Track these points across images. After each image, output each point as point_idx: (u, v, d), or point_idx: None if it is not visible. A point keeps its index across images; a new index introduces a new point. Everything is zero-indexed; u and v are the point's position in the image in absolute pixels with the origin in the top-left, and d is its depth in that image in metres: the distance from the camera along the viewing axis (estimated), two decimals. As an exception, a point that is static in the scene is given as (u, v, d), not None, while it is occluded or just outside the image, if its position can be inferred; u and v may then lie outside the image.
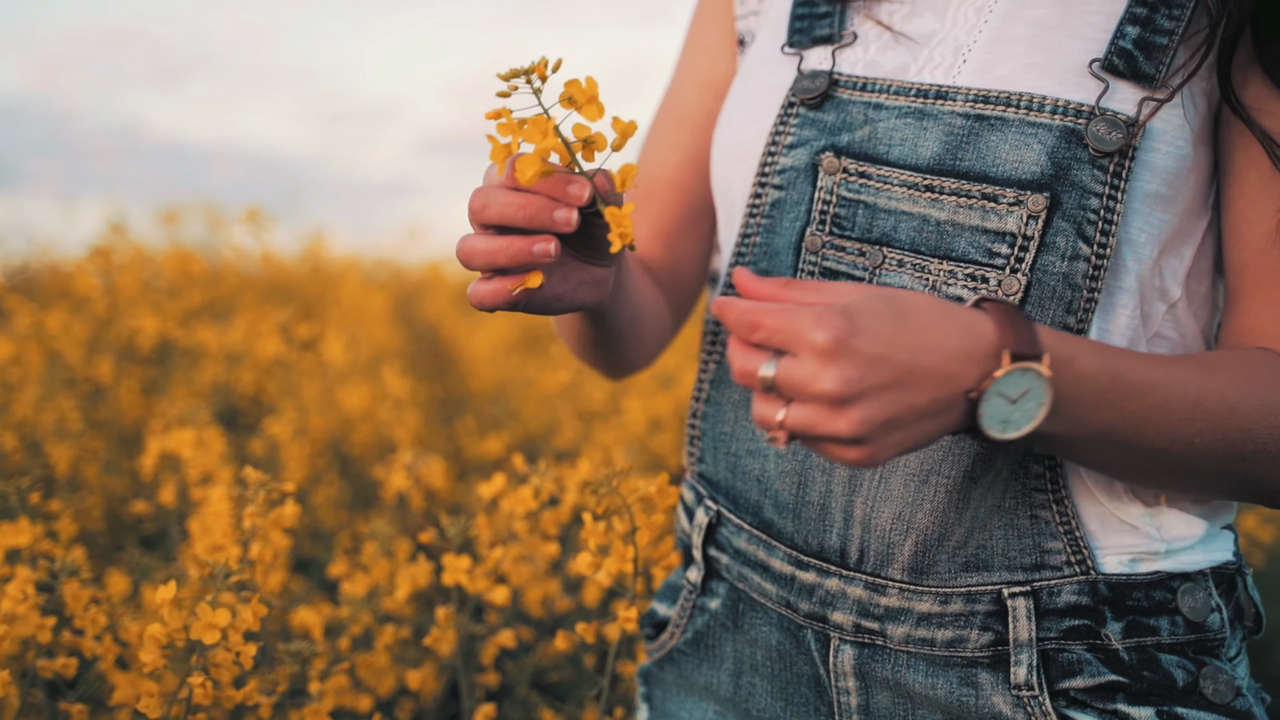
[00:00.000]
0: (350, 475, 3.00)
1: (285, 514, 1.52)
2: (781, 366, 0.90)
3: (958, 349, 0.92)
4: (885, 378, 0.89)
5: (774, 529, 1.17)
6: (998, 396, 0.92)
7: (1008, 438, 0.93)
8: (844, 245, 1.14)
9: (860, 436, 0.89)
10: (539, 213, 0.98)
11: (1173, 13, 1.09)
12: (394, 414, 2.88)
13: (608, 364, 1.36)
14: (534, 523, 1.71)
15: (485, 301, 1.01)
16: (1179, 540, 1.11)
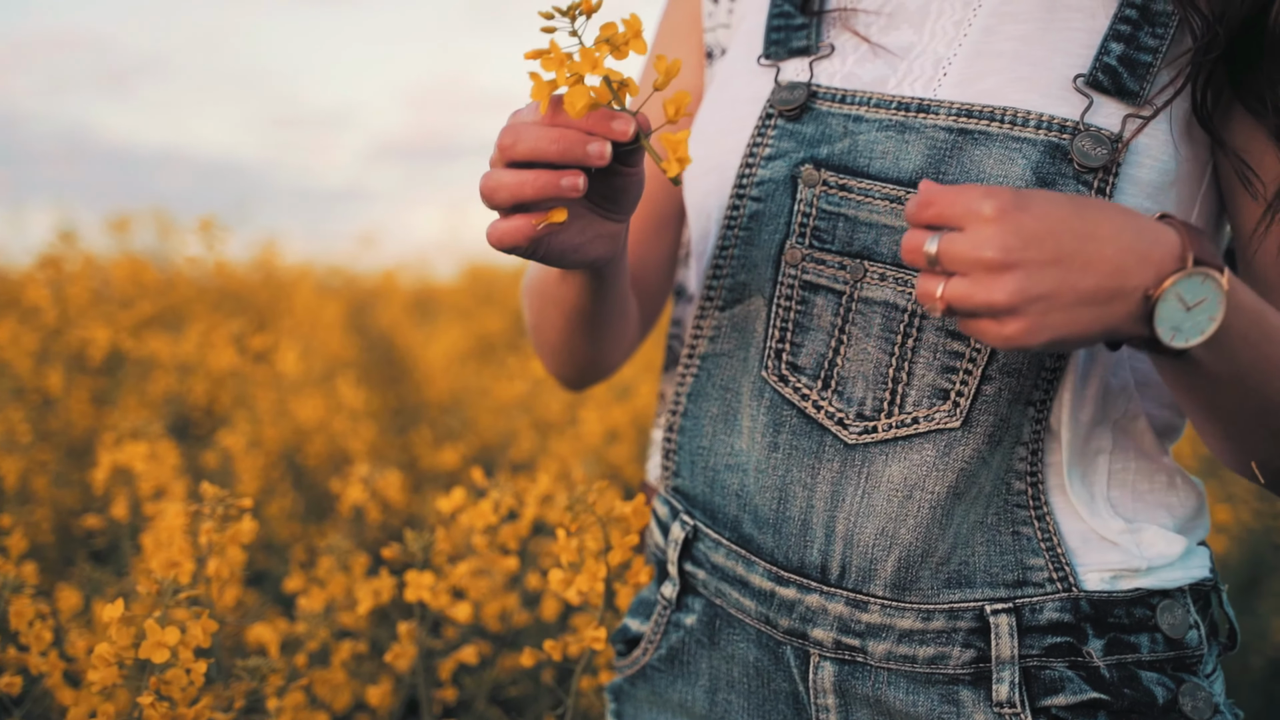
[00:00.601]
0: (304, 486, 2.98)
1: (242, 530, 1.49)
2: (944, 239, 0.93)
3: (1133, 244, 0.93)
4: (1047, 253, 0.91)
5: (753, 544, 1.16)
6: (1175, 299, 0.93)
7: (1174, 345, 0.93)
8: (824, 258, 1.13)
9: (1014, 306, 0.90)
10: (572, 146, 0.98)
11: (1156, 30, 1.10)
12: (349, 425, 2.86)
13: (584, 357, 1.34)
14: (493, 537, 1.70)
15: (504, 239, 1.01)
16: (1159, 557, 1.11)
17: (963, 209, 0.93)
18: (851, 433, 1.11)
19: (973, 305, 0.91)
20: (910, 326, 1.09)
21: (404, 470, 3.21)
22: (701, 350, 1.22)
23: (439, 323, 5.52)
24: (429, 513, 2.72)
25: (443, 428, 3.74)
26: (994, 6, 1.15)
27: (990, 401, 1.08)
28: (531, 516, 1.71)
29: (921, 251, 0.94)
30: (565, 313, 1.26)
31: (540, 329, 1.34)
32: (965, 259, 0.91)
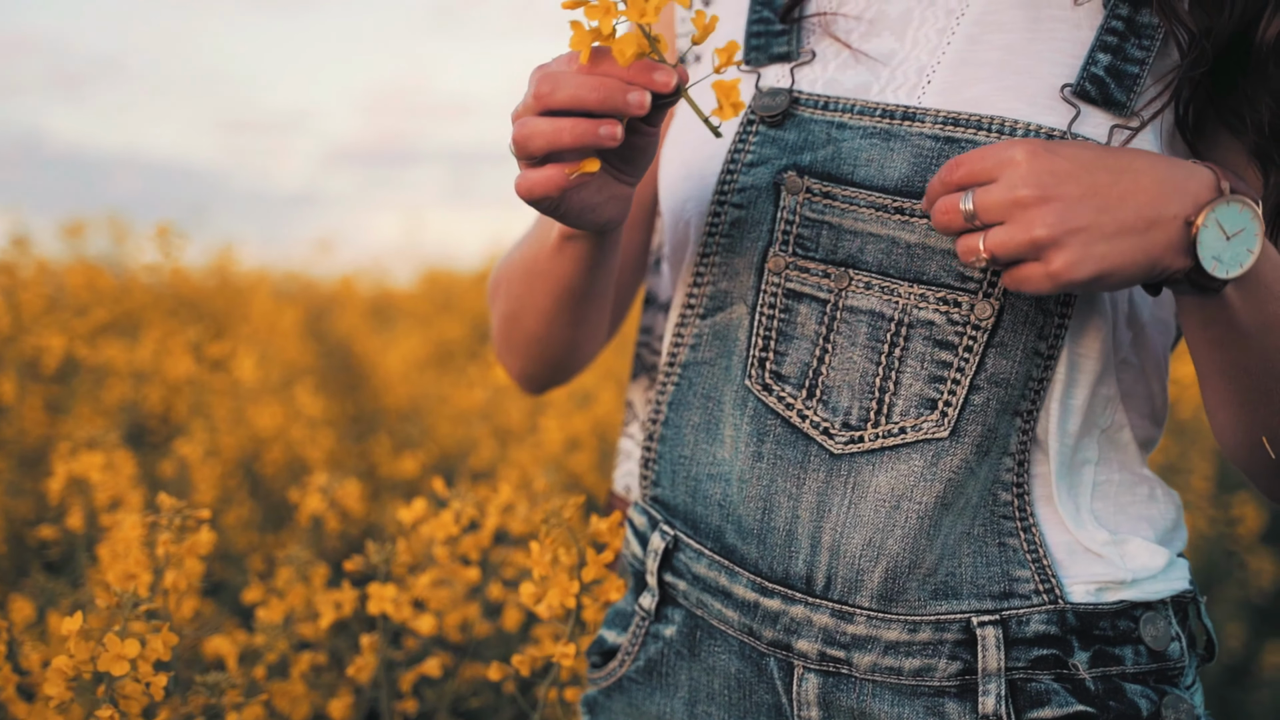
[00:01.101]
0: (260, 495, 2.95)
1: (201, 541, 1.48)
2: (979, 192, 0.96)
3: (1167, 176, 0.96)
4: (1083, 186, 0.94)
5: (736, 555, 1.14)
6: (1216, 226, 0.95)
7: (1217, 275, 0.95)
8: (808, 266, 1.12)
9: (1055, 237, 0.93)
10: (613, 94, 0.97)
11: (1142, 43, 1.10)
12: (307, 433, 2.84)
13: (562, 346, 1.33)
14: (454, 548, 1.69)
15: (535, 189, 1.02)
16: (1143, 569, 1.11)
17: (994, 160, 0.96)
18: (837, 442, 1.10)
19: (1016, 247, 0.94)
20: (897, 336, 1.09)
21: (362, 478, 3.19)
22: (682, 359, 1.20)
23: (397, 329, 5.49)
24: (388, 522, 2.70)
25: (401, 435, 3.72)
26: (977, 15, 1.14)
27: (978, 411, 1.07)
28: (493, 527, 1.70)
29: (958, 210, 0.97)
30: (555, 291, 1.24)
31: (520, 316, 1.32)
32: (1002, 203, 0.95)
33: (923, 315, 1.08)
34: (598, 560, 1.22)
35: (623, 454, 1.47)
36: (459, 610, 1.96)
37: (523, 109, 1.02)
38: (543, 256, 1.22)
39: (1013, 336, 1.07)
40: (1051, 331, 1.07)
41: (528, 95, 1.01)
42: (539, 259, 1.23)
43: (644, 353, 1.46)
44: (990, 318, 1.06)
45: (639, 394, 1.46)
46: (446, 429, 3.57)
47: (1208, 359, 1.07)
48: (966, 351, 1.07)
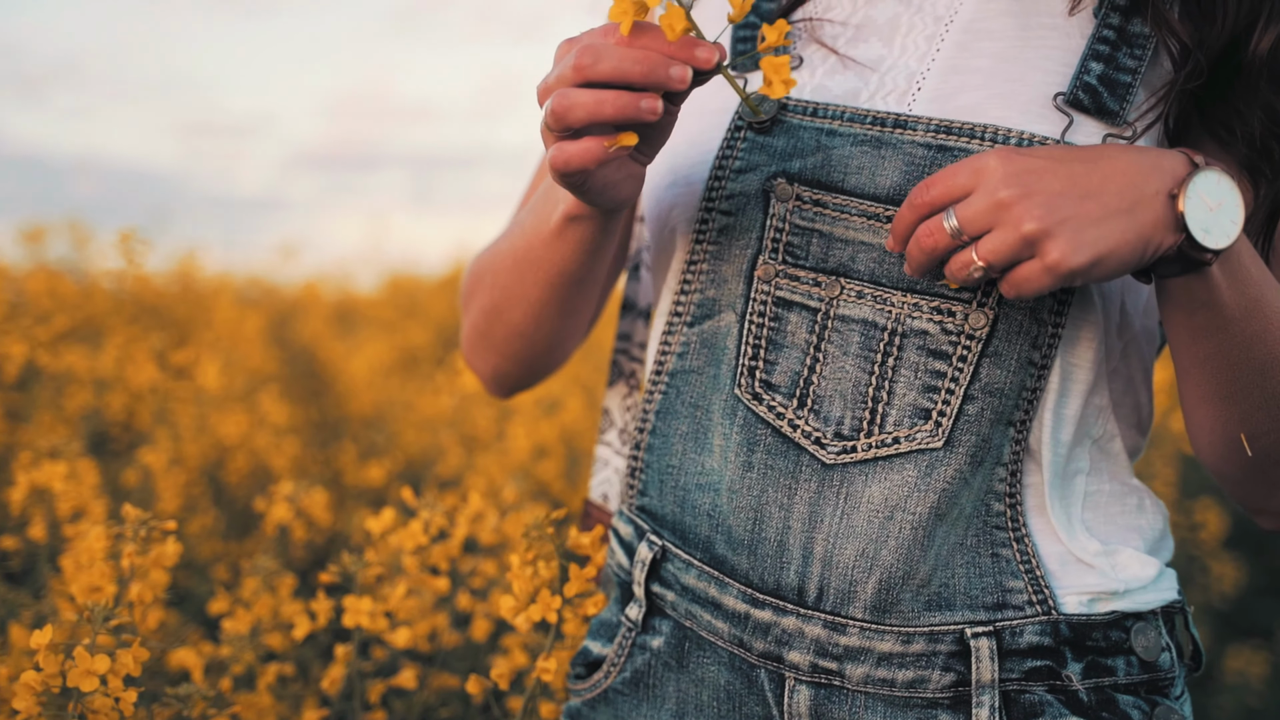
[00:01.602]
0: (224, 503, 2.92)
1: (167, 552, 1.46)
2: (959, 205, 0.97)
3: (1140, 158, 0.97)
4: (1060, 180, 0.95)
5: (727, 565, 1.13)
6: (1199, 199, 0.96)
7: (1208, 246, 0.96)
8: (798, 275, 1.11)
9: (1046, 228, 0.93)
10: (656, 68, 0.97)
11: (1134, 52, 1.10)
12: (272, 441, 2.82)
13: (547, 339, 1.31)
14: (423, 557, 1.68)
15: (573, 161, 1.00)
16: (1134, 580, 1.11)
17: (966, 172, 0.97)
18: (829, 452, 1.09)
19: (1010, 248, 0.95)
20: (890, 345, 1.08)
21: (328, 486, 3.16)
22: (670, 367, 1.19)
23: (361, 335, 5.46)
24: (355, 530, 2.68)
25: (366, 442, 3.69)
26: (966, 23, 1.14)
27: (973, 421, 1.07)
28: (463, 536, 1.69)
29: (943, 229, 0.98)
30: (549, 278, 1.22)
31: (504, 309, 1.29)
32: (985, 209, 0.95)
33: (916, 325, 1.08)
34: (580, 575, 1.21)
35: (600, 461, 1.46)
36: (427, 620, 1.95)
37: (556, 80, 1.00)
38: (538, 243, 1.20)
39: (1007, 346, 1.07)
40: (1045, 341, 1.07)
41: (564, 67, 0.99)
42: (533, 246, 1.21)
43: (622, 359, 1.44)
44: (985, 327, 1.06)
45: (616, 401, 1.45)
46: (412, 436, 3.55)
47: (1190, 352, 1.06)
48: (961, 361, 1.07)
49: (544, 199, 1.19)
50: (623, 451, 1.43)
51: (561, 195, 1.14)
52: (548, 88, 1.02)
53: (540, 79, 1.04)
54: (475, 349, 1.39)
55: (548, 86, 1.02)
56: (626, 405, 1.43)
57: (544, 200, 1.19)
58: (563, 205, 1.14)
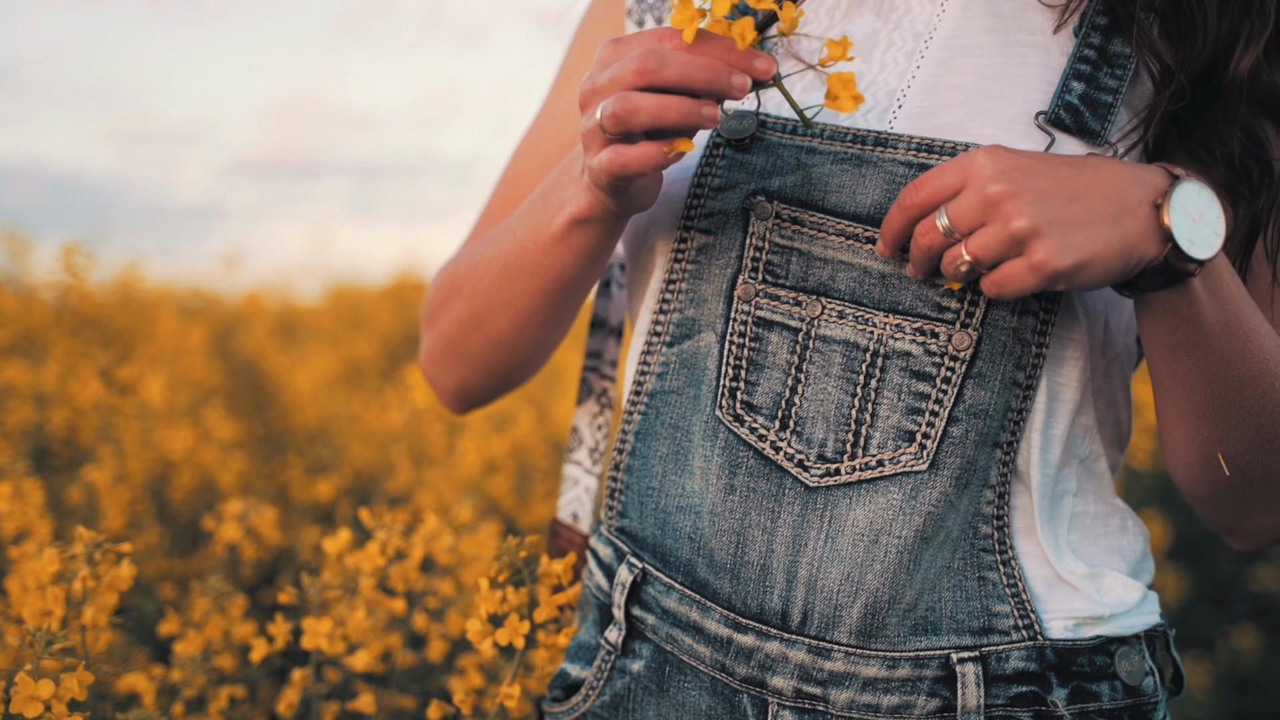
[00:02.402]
0: (167, 517, 2.88)
1: (121, 575, 1.43)
2: (950, 204, 0.97)
3: (1122, 170, 0.98)
4: (1048, 180, 0.95)
5: (709, 589, 1.11)
6: (1182, 209, 0.96)
7: (1195, 256, 0.96)
8: (778, 294, 1.10)
9: (1035, 227, 0.93)
10: (720, 76, 0.97)
11: (1115, 72, 1.09)
12: (219, 457, 2.78)
13: (526, 349, 1.29)
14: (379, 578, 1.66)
15: (631, 165, 1.00)
16: (1119, 604, 1.10)
17: (955, 171, 0.97)
18: (813, 475, 1.07)
19: (998, 244, 0.94)
20: (873, 367, 1.07)
21: (274, 501, 3.13)
22: (649, 387, 1.17)
23: (305, 346, 5.40)
24: (303, 546, 2.65)
25: (311, 456, 3.66)
26: (946, 39, 1.13)
27: (957, 443, 1.06)
28: (420, 558, 1.67)
29: (936, 229, 0.98)
30: (543, 285, 1.20)
31: (485, 319, 1.27)
32: (975, 205, 0.95)
33: (899, 346, 1.07)
34: (550, 601, 1.19)
35: (569, 480, 1.44)
36: (381, 640, 1.93)
37: (610, 83, 0.99)
38: (535, 248, 1.17)
39: (991, 367, 1.06)
40: (1029, 361, 1.07)
41: (622, 69, 0.98)
42: (528, 251, 1.18)
43: (591, 377, 1.43)
44: (968, 348, 1.05)
45: (586, 419, 1.43)
46: (358, 450, 3.51)
47: (1170, 369, 1.06)
48: (944, 383, 1.06)
49: (541, 203, 1.17)
50: (593, 470, 1.41)
51: (568, 198, 1.12)
52: (598, 89, 1.01)
53: (584, 80, 1.03)
54: (441, 362, 1.36)
55: (598, 88, 1.01)
56: (598, 424, 1.42)
57: (541, 204, 1.17)
58: (570, 209, 1.12)
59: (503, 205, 1.40)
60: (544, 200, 1.17)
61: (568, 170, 1.14)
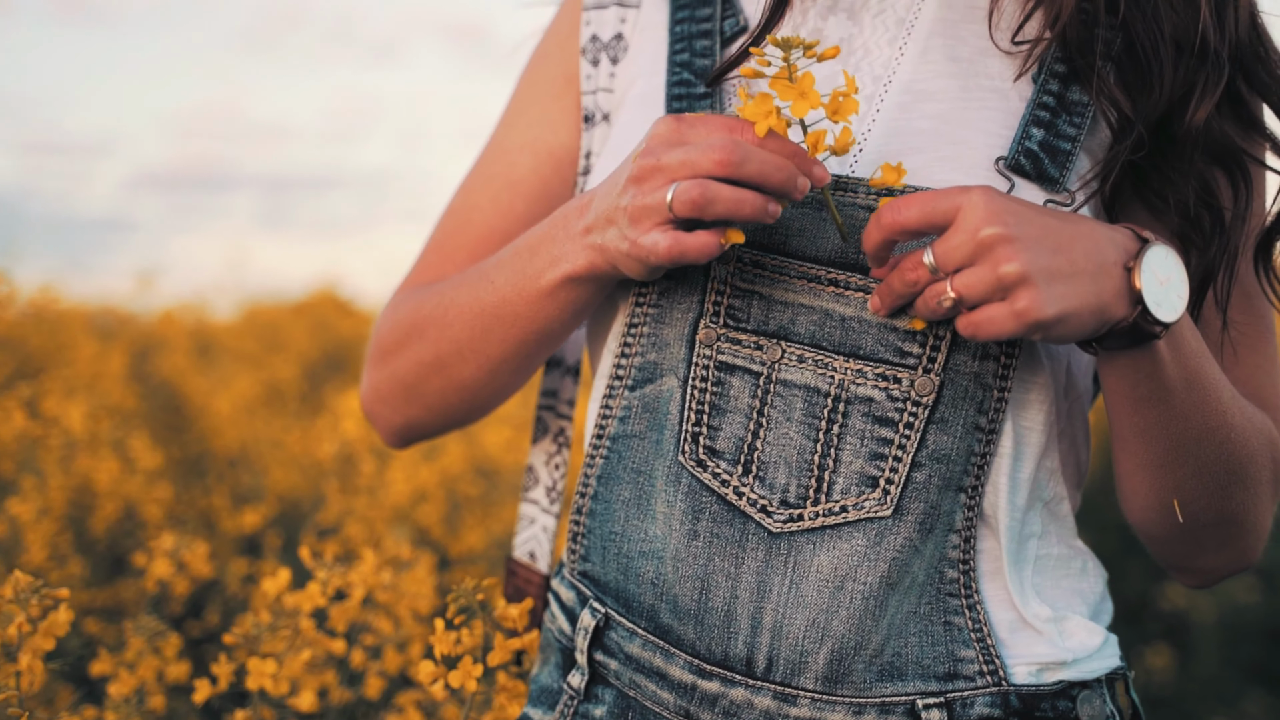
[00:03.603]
0: (85, 545, 2.82)
1: (59, 620, 1.41)
2: (937, 243, 0.98)
3: (1098, 228, 1.00)
4: (1037, 229, 0.96)
5: (672, 635, 1.10)
6: (1151, 273, 0.98)
7: (1162, 318, 0.98)
8: (739, 338, 1.10)
9: (1024, 274, 0.94)
10: (790, 178, 1.00)
11: (1074, 120, 1.11)
12: (143, 488, 2.73)
13: (488, 394, 1.28)
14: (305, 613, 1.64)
15: (689, 254, 1.01)
16: (1081, 648, 1.11)
17: (949, 202, 0.97)
18: (776, 521, 1.07)
19: (984, 286, 0.95)
20: (835, 412, 1.07)
21: (198, 529, 3.09)
22: (611, 431, 1.16)
23: (222, 367, 5.33)
24: (230, 578, 2.62)
25: (232, 480, 3.61)
26: (905, 83, 1.14)
27: (921, 489, 1.06)
28: (361, 597, 1.67)
29: (923, 265, 0.98)
30: (523, 337, 1.19)
31: (452, 364, 1.25)
32: (966, 246, 0.96)
33: (861, 391, 1.07)
34: (506, 645, 1.19)
35: (525, 519, 1.42)
36: (317, 676, 1.91)
37: (683, 166, 1.00)
38: (518, 300, 1.17)
39: (953, 412, 1.07)
40: (991, 406, 1.07)
41: (698, 155, 0.99)
42: (509, 302, 1.17)
43: (547, 416, 1.42)
44: (931, 393, 1.06)
45: (542, 458, 1.42)
46: (281, 475, 3.48)
47: (1131, 421, 1.08)
48: (907, 428, 1.06)
49: (528, 255, 1.16)
50: (551, 509, 1.40)
51: (563, 255, 1.12)
52: (664, 168, 1.01)
53: (644, 155, 1.03)
54: (391, 401, 1.34)
55: (664, 167, 1.01)
56: (554, 463, 1.41)
57: (528, 257, 1.16)
58: (566, 266, 1.12)
59: (451, 240, 1.38)
60: (531, 253, 1.16)
61: (561, 225, 1.13)
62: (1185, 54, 1.09)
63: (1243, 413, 1.11)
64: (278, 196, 25.21)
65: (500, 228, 1.34)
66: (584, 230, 1.09)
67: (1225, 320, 1.15)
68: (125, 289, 6.79)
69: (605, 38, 1.30)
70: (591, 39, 1.31)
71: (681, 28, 1.24)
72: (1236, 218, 1.13)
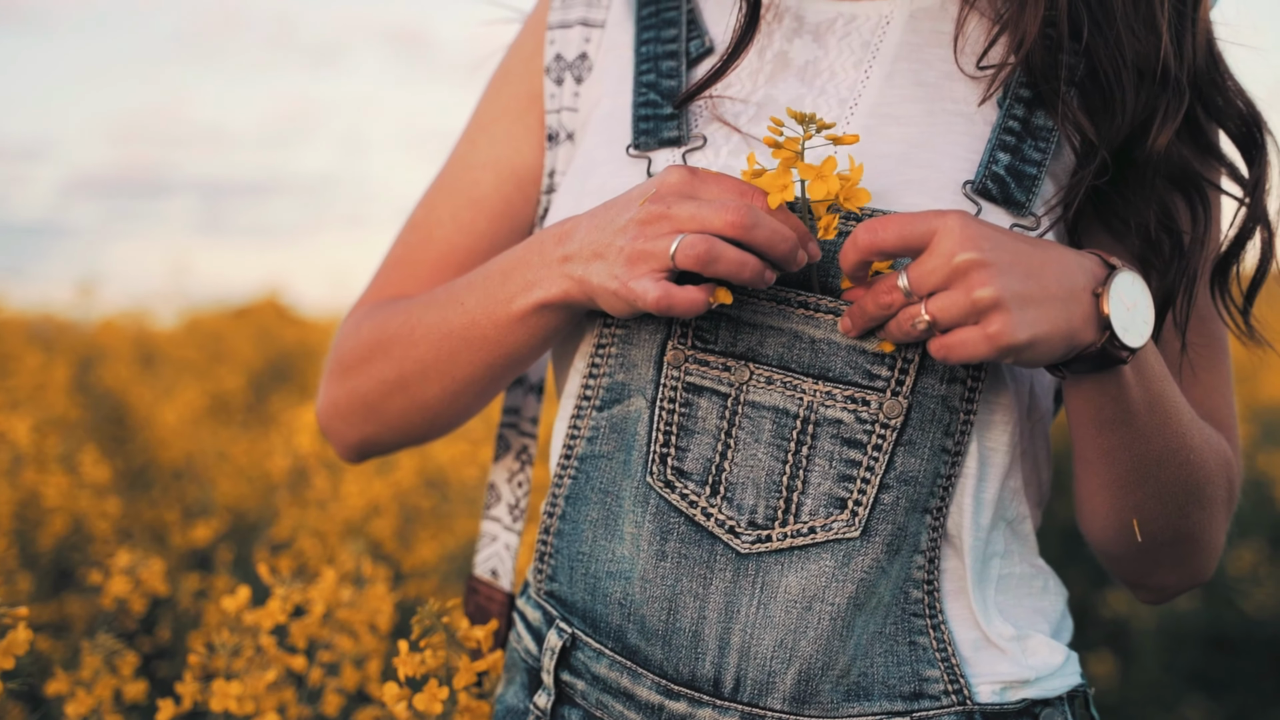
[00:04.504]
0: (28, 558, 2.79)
1: (18, 640, 1.40)
2: (912, 267, 0.99)
3: (1067, 254, 1.01)
4: (1009, 254, 0.98)
5: (640, 655, 1.10)
6: (1119, 299, 1.00)
7: (1128, 343, 1.00)
8: (707, 359, 1.10)
9: (998, 299, 0.96)
10: (794, 250, 1.02)
11: (1039, 144, 1.12)
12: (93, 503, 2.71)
13: (449, 417, 1.28)
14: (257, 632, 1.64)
15: (676, 308, 1.02)
16: (1044, 666, 1.13)
17: (925, 226, 0.99)
18: (744, 541, 1.08)
19: (958, 310, 0.96)
20: (804, 434, 1.08)
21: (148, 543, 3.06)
22: (579, 451, 1.16)
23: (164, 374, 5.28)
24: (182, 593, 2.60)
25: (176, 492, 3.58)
26: (871, 107, 1.15)
27: (889, 510, 1.07)
28: (321, 614, 1.66)
29: (898, 288, 1.00)
30: (490, 360, 1.19)
31: (415, 384, 1.24)
32: (942, 270, 0.97)
33: (830, 413, 1.08)
34: (471, 667, 1.18)
35: (486, 536, 1.41)
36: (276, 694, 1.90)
37: (693, 220, 1.01)
38: (488, 324, 1.16)
39: (920, 434, 1.08)
40: (957, 429, 1.09)
41: (710, 213, 1.00)
42: (478, 325, 1.17)
43: (509, 434, 1.42)
44: (899, 416, 1.07)
45: (504, 475, 1.42)
46: (228, 486, 3.45)
47: (1095, 444, 1.10)
48: (876, 450, 1.07)
49: (500, 279, 1.16)
50: (513, 527, 1.41)
51: (537, 280, 1.12)
52: (672, 218, 1.02)
53: (654, 200, 1.03)
54: (350, 418, 1.33)
55: (673, 217, 1.02)
56: (517, 480, 1.41)
57: (500, 280, 1.16)
58: (539, 293, 1.11)
59: (412, 255, 1.37)
60: (504, 277, 1.15)
61: (537, 251, 1.13)
62: (1147, 79, 1.11)
63: (1201, 434, 1.14)
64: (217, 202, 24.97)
65: (463, 245, 1.34)
66: (562, 258, 1.10)
67: (1184, 342, 1.17)
68: (64, 297, 6.70)
69: (569, 57, 1.30)
70: (556, 58, 1.31)
71: (647, 48, 1.24)
72: (1195, 241, 1.15)
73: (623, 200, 1.07)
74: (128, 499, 3.54)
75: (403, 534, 2.95)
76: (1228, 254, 1.19)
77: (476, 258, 1.33)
